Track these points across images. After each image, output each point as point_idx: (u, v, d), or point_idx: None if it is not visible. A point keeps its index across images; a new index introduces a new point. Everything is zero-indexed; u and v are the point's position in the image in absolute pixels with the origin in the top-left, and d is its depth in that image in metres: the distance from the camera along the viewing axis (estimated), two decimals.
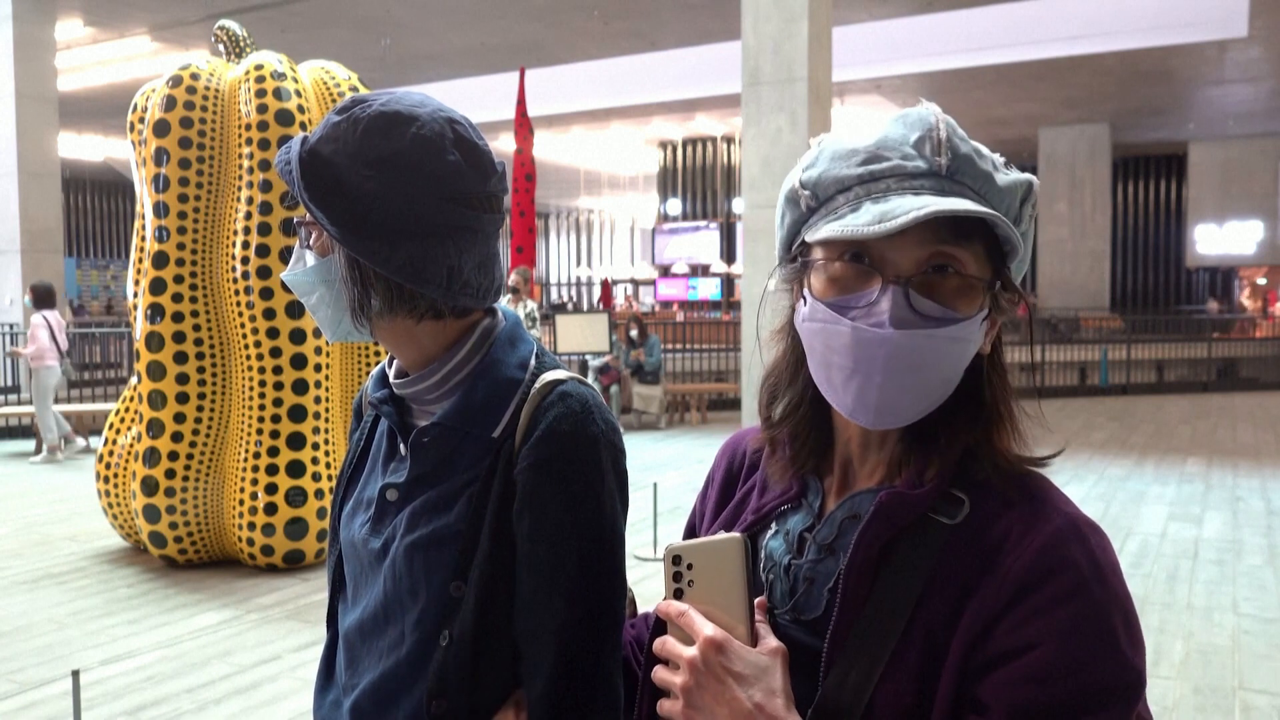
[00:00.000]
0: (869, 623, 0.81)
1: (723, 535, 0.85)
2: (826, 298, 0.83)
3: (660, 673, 0.84)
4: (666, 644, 0.84)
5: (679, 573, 0.85)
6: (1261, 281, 28.52)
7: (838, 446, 0.92)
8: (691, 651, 0.80)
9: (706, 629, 0.80)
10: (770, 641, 0.82)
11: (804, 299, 0.86)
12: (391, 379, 1.11)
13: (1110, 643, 0.76)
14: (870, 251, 0.81)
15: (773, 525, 0.94)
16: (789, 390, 0.93)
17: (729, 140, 25.40)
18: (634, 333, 11.74)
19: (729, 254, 25.99)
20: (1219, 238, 25.94)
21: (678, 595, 0.85)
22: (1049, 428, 0.83)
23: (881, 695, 0.79)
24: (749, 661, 0.80)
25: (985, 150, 0.85)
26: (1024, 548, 0.79)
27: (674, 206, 26.88)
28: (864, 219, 0.79)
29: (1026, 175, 0.85)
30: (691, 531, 1.07)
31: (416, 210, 0.98)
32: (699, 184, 26.31)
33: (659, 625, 0.88)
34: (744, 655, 0.80)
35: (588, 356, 11.18)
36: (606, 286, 25.91)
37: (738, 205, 24.19)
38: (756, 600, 0.85)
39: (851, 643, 0.81)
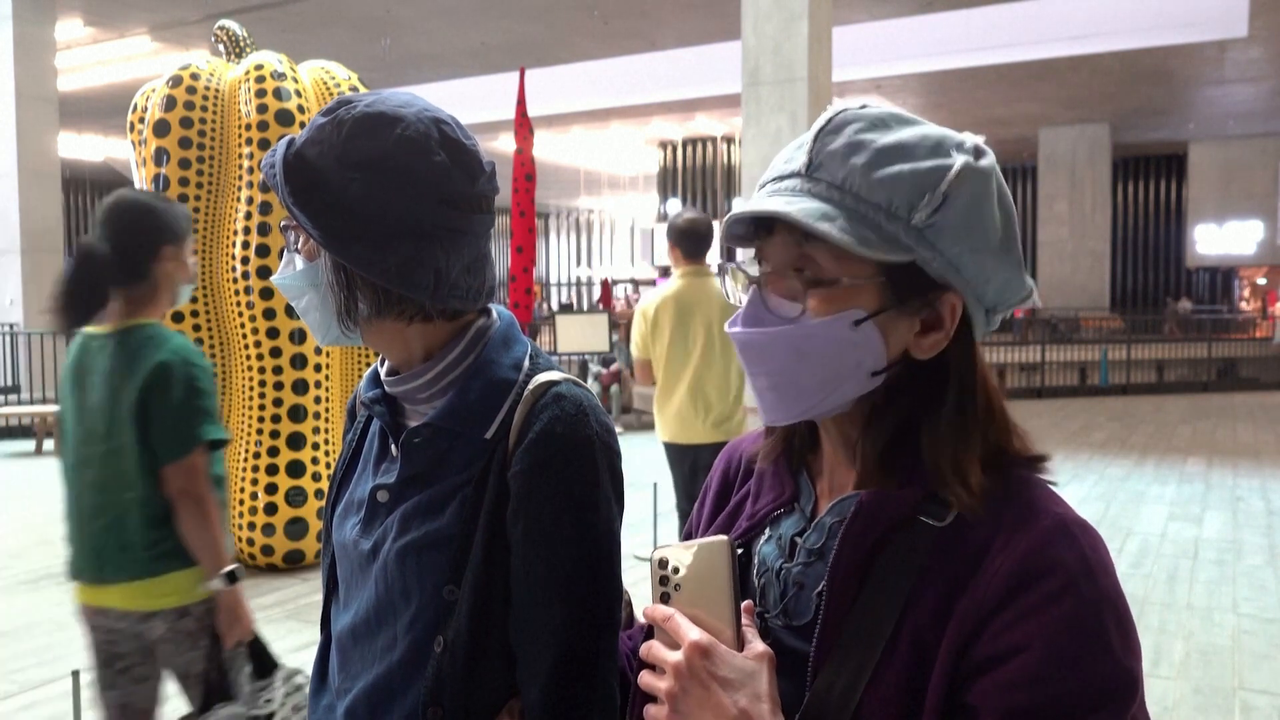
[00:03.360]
0: (856, 626, 0.80)
1: (709, 539, 0.84)
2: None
3: (646, 678, 0.82)
4: (653, 649, 0.82)
5: (665, 576, 0.83)
6: (1261, 281, 28.52)
7: (825, 449, 0.92)
8: (676, 656, 0.79)
9: (692, 633, 0.79)
10: (757, 646, 0.80)
11: None
12: (383, 377, 1.09)
13: (1102, 644, 0.74)
14: (760, 254, 0.86)
15: (766, 530, 0.93)
16: None
17: (729, 140, 25.39)
18: None
19: (729, 254, 26.01)
20: (1219, 238, 25.95)
21: (664, 599, 0.83)
22: (1030, 434, 0.83)
23: (869, 699, 0.77)
24: (735, 666, 0.78)
25: (897, 136, 0.81)
26: (1012, 548, 0.77)
27: (674, 206, 26.86)
28: (728, 219, 0.86)
29: (940, 163, 0.80)
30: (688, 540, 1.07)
31: (402, 213, 0.97)
32: (699, 184, 26.29)
33: (649, 629, 0.87)
34: (730, 660, 0.78)
35: (587, 357, 11.18)
36: (606, 286, 25.86)
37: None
38: (744, 604, 0.83)
39: (839, 647, 0.80)
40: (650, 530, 5.69)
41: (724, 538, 0.83)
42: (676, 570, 0.83)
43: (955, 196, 0.79)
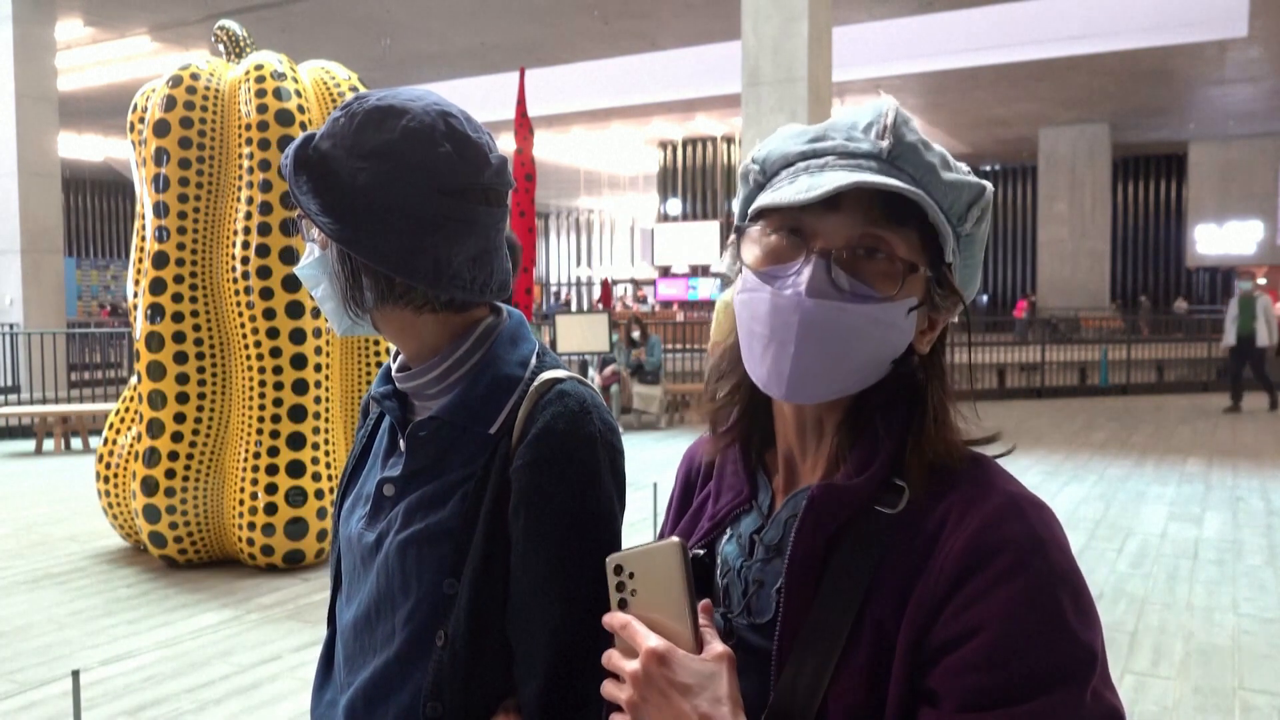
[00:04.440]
0: (817, 622, 0.79)
1: (661, 542, 0.82)
2: (759, 269, 0.83)
3: (608, 687, 0.81)
4: (612, 658, 0.81)
5: (621, 582, 0.82)
6: (1262, 281, 28.54)
7: (779, 444, 0.91)
8: (633, 665, 0.78)
9: (649, 640, 0.78)
10: (715, 646, 0.79)
11: (740, 272, 0.87)
12: (394, 374, 1.11)
13: (1058, 621, 0.73)
14: (805, 226, 0.82)
15: (727, 530, 0.93)
16: (734, 372, 0.93)
17: (729, 140, 25.43)
18: (635, 334, 11.76)
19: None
20: (1219, 238, 25.98)
21: (622, 605, 0.82)
22: (984, 428, 0.84)
23: (834, 695, 0.77)
24: (693, 670, 0.77)
25: (938, 147, 0.85)
26: (962, 530, 0.77)
27: (674, 206, 26.88)
28: (796, 189, 0.80)
29: (981, 181, 0.85)
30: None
31: (404, 200, 0.98)
32: (699, 184, 26.32)
33: (611, 637, 0.86)
34: (688, 664, 0.77)
35: (588, 357, 11.19)
36: (606, 286, 25.88)
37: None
38: (702, 603, 0.82)
39: (800, 643, 0.79)
40: (651, 530, 5.69)
41: (675, 540, 0.82)
42: (632, 575, 0.82)
43: (987, 214, 0.86)
